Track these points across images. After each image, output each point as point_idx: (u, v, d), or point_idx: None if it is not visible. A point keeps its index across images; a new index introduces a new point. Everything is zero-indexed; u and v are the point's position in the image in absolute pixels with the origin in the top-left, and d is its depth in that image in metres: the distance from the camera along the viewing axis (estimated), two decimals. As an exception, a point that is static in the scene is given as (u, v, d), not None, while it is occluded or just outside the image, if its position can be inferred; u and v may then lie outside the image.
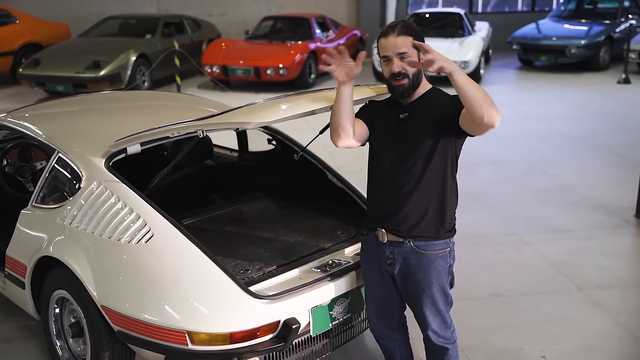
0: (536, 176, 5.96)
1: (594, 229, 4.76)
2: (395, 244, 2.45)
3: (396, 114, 2.44)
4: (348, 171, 3.84)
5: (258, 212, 3.41)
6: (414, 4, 15.56)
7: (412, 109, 2.42)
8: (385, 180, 2.47)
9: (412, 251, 2.43)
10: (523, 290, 3.86)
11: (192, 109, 3.73)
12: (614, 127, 7.82)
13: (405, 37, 2.33)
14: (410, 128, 2.40)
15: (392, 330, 2.68)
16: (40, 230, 2.90)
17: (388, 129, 2.47)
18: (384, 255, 2.49)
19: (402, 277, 2.49)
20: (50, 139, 3.11)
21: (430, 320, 2.50)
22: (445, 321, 2.52)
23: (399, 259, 2.46)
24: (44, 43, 11.30)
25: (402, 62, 2.34)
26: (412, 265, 2.44)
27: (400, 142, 2.42)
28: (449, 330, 2.55)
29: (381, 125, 2.50)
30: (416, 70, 2.36)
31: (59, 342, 2.96)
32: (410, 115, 2.42)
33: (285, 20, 11.92)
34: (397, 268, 2.47)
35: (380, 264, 2.52)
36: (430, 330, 2.52)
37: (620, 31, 12.08)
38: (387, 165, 2.45)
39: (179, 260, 2.50)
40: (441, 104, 2.38)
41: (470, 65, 10.36)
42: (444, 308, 2.50)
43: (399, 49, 2.33)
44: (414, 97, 2.43)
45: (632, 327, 3.45)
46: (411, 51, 2.33)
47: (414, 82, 2.38)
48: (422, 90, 2.43)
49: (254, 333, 2.41)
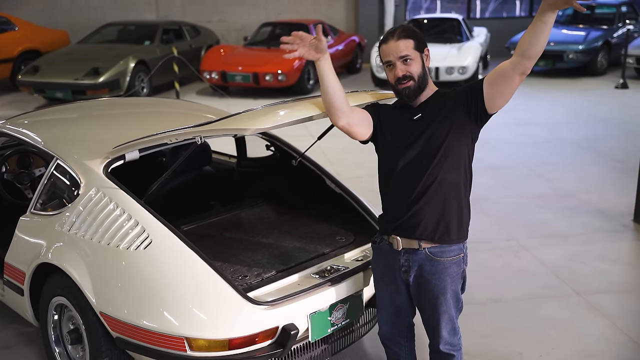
0: (534, 181, 5.97)
1: (592, 234, 4.77)
2: (410, 252, 2.43)
3: (409, 116, 2.43)
4: (346, 177, 3.86)
5: (257, 218, 3.42)
6: (412, 10, 15.62)
7: (425, 109, 2.41)
8: (400, 185, 2.43)
9: (426, 258, 2.41)
10: (522, 295, 3.86)
11: (190, 116, 3.74)
12: (612, 132, 7.84)
13: (405, 40, 2.34)
14: (427, 127, 2.38)
15: (402, 336, 2.67)
16: (39, 237, 2.90)
17: (402, 132, 2.43)
18: (398, 263, 2.46)
19: (416, 284, 2.46)
20: (49, 146, 3.11)
21: (442, 327, 2.48)
22: (454, 327, 2.52)
23: (414, 266, 2.43)
24: (43, 50, 11.34)
25: (406, 65, 2.33)
26: (427, 272, 2.42)
27: (417, 142, 2.38)
28: (457, 337, 2.54)
29: (394, 129, 2.46)
30: (421, 72, 2.36)
31: (58, 349, 2.96)
32: (424, 115, 2.40)
33: (284, 26, 11.95)
34: (412, 275, 2.45)
35: (394, 271, 2.49)
36: (439, 336, 2.50)
37: (617, 36, 12.12)
38: (402, 169, 2.41)
39: (177, 267, 2.51)
40: (452, 96, 2.39)
41: (469, 70, 10.40)
42: (455, 314, 2.49)
43: (400, 53, 2.33)
44: (423, 98, 2.41)
45: (630, 331, 3.45)
46: (413, 53, 2.33)
47: (419, 83, 2.37)
48: (429, 92, 2.43)
49: (252, 339, 2.41)
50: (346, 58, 12.46)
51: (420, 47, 2.37)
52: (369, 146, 2.63)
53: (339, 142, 7.26)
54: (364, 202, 3.27)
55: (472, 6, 15.66)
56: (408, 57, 2.33)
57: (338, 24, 14.12)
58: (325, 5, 14.64)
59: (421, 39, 2.37)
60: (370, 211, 3.20)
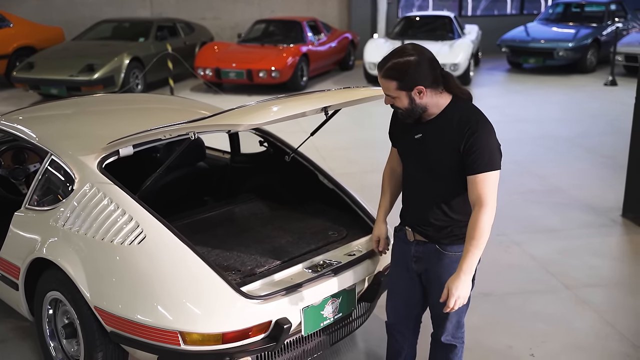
0: (525, 177, 6.03)
1: (581, 228, 4.83)
2: (422, 244, 2.48)
3: (413, 132, 2.39)
4: (339, 173, 3.89)
5: (250, 214, 3.44)
6: (404, 8, 15.64)
7: (427, 131, 2.35)
8: (413, 187, 2.49)
9: (436, 251, 2.45)
10: (512, 289, 3.91)
11: (184, 112, 3.75)
12: (601, 128, 7.91)
13: (387, 81, 2.25)
14: (426, 151, 2.36)
15: (407, 328, 2.69)
16: (34, 232, 2.91)
17: (407, 147, 2.45)
18: (410, 253, 2.52)
19: (426, 276, 2.51)
20: (44, 142, 3.12)
21: (448, 320, 2.52)
22: (459, 321, 2.55)
23: (424, 257, 2.48)
24: (38, 46, 11.29)
25: (392, 100, 2.30)
26: (436, 264, 2.45)
27: (419, 161, 2.41)
28: (460, 331, 2.58)
29: (401, 140, 2.49)
30: (409, 107, 2.28)
31: (53, 343, 2.97)
32: (424, 138, 2.36)
33: (277, 23, 11.96)
34: (422, 266, 2.50)
35: (407, 260, 2.54)
36: (444, 328, 2.54)
37: (607, 34, 12.20)
38: (412, 176, 2.47)
39: (171, 262, 2.53)
40: (457, 131, 2.27)
41: (460, 67, 10.44)
42: (462, 308, 2.50)
43: (385, 91, 2.31)
44: (428, 117, 2.34)
45: (619, 324, 3.50)
46: (396, 93, 2.27)
47: (409, 114, 2.32)
48: (436, 110, 2.32)
49: (245, 333, 2.44)
50: (339, 55, 12.48)
51: (407, 87, 2.24)
52: (361, 143, 2.66)
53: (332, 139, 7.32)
54: (357, 198, 3.30)
55: (463, 4, 15.70)
56: (391, 96, 2.30)
57: (331, 21, 14.14)
58: (319, 2, 14.64)
59: (408, 79, 2.23)
60: (363, 207, 3.24)
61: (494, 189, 2.27)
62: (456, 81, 2.36)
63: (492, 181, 2.26)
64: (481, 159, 2.24)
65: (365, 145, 6.96)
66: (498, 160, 2.28)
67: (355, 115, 6.22)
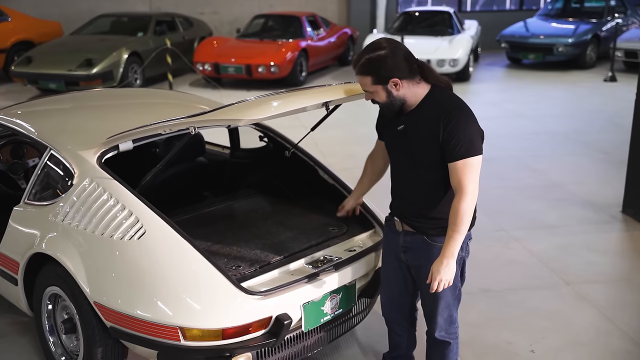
0: (524, 173, 6.02)
1: (581, 224, 4.83)
2: (410, 234, 2.50)
3: (395, 124, 2.43)
4: (339, 168, 3.88)
5: (250, 209, 3.43)
6: (403, 3, 15.59)
7: (408, 122, 2.39)
8: (399, 179, 2.52)
9: (423, 242, 2.47)
10: (512, 285, 3.91)
11: (184, 107, 3.74)
12: (601, 124, 7.90)
13: (362, 77, 2.33)
14: (409, 143, 2.39)
15: (403, 317, 2.72)
16: (33, 227, 2.91)
17: (391, 139, 2.50)
18: (399, 243, 2.54)
19: (414, 266, 2.54)
20: (43, 136, 3.11)
21: (438, 313, 2.53)
22: (451, 315, 2.56)
23: (412, 247, 2.51)
24: (36, 41, 11.26)
25: (370, 94, 2.36)
26: (424, 255, 2.47)
27: (403, 153, 2.44)
28: (454, 326, 2.59)
29: (386, 132, 2.54)
30: (387, 101, 2.34)
31: (52, 338, 2.97)
32: (406, 129, 2.39)
33: (276, 18, 11.93)
34: (410, 256, 2.53)
35: (396, 250, 2.57)
36: (435, 323, 2.55)
37: (606, 30, 12.18)
38: (399, 168, 2.51)
39: (171, 257, 2.52)
40: (435, 120, 2.30)
41: (460, 63, 10.42)
42: (452, 302, 2.53)
43: (362, 87, 2.37)
44: (409, 108, 2.38)
45: (618, 320, 3.50)
46: (372, 88, 2.32)
47: (389, 107, 2.37)
48: (416, 100, 2.36)
49: (246, 329, 2.44)
50: (338, 50, 12.46)
51: (382, 80, 2.29)
52: (360, 138, 2.68)
53: (332, 134, 7.31)
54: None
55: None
56: (369, 91, 2.35)
57: (330, 16, 14.10)
58: (318, -3, 14.61)
59: (382, 73, 2.27)
60: (363, 202, 3.23)
61: (475, 175, 2.29)
62: (433, 71, 2.40)
63: (472, 167, 2.27)
64: (459, 146, 2.26)
65: (365, 140, 6.94)
66: (478, 146, 2.30)
67: (355, 111, 6.21)
